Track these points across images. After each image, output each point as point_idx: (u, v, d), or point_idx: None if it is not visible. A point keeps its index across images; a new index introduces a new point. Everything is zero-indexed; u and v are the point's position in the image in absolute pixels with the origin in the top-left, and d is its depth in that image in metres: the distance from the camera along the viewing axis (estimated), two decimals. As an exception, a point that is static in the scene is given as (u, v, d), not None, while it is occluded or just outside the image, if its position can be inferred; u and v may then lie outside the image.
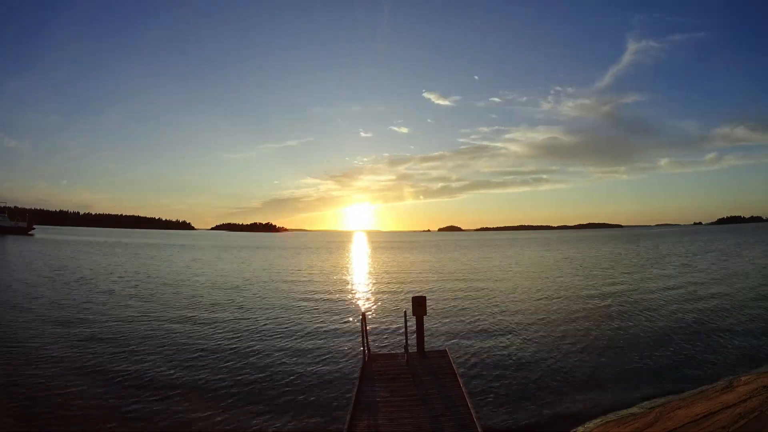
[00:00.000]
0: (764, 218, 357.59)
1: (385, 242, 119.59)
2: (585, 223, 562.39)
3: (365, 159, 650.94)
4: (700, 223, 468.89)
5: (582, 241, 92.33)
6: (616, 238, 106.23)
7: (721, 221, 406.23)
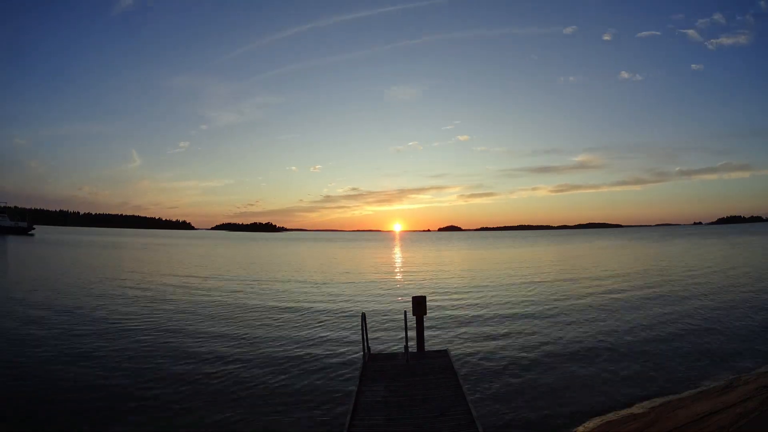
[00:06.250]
0: (764, 218, 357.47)
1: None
2: (585, 222, 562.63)
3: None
4: (700, 223, 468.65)
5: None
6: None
7: (721, 221, 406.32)
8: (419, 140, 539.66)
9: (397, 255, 57.77)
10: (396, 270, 36.00)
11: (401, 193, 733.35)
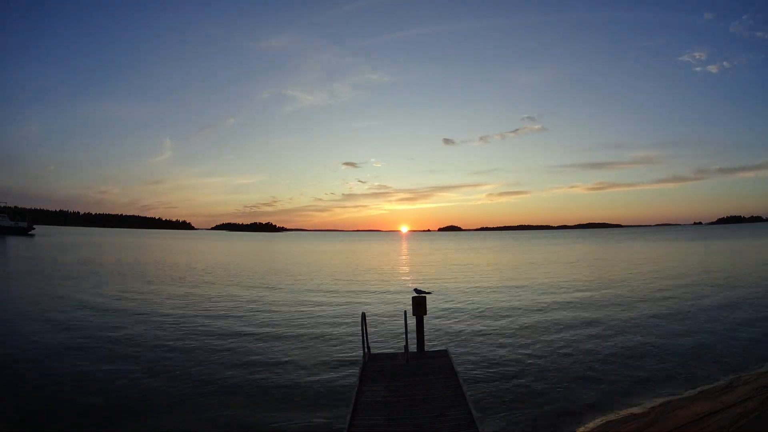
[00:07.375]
0: (764, 218, 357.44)
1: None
2: (585, 222, 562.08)
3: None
4: (700, 223, 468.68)
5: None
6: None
7: (721, 221, 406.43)
8: (481, 133, 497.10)
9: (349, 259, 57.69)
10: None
11: (432, 191, 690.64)
